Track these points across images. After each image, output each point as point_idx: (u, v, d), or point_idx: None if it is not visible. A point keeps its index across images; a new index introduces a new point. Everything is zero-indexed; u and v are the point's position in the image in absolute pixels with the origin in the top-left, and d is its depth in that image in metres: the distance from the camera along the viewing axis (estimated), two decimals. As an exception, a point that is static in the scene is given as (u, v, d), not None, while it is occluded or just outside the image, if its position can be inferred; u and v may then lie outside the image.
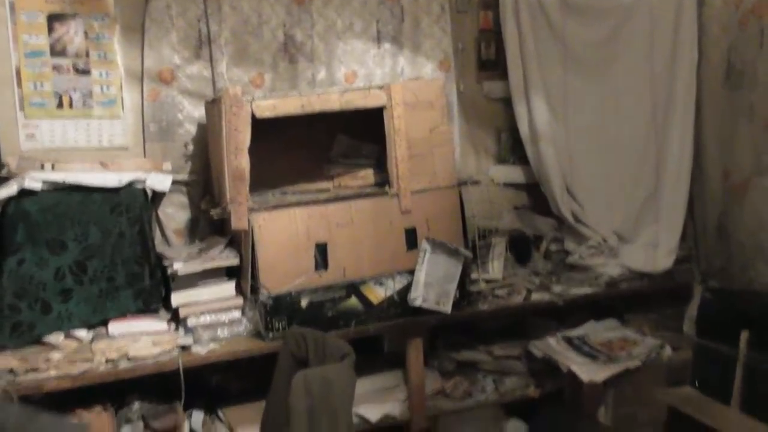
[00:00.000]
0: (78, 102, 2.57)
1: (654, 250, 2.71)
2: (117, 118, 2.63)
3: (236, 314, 2.35)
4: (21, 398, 1.78)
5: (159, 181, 2.41)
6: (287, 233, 2.34)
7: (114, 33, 2.59)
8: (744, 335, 1.85)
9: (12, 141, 2.48)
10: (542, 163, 2.86)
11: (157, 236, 2.60)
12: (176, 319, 2.34)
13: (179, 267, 2.28)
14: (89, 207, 2.27)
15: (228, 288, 2.37)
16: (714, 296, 2.14)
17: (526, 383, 2.66)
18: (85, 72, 2.56)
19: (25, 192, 2.19)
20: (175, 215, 2.73)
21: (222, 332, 2.32)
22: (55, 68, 2.51)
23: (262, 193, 2.54)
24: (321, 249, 2.37)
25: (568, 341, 2.59)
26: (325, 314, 2.36)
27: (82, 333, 2.24)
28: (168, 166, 2.54)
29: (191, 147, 2.74)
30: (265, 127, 2.33)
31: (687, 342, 2.47)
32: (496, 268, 2.69)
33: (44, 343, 2.21)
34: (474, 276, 2.62)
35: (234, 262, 2.38)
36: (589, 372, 2.39)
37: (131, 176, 2.34)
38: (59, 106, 2.54)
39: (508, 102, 3.05)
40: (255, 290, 2.32)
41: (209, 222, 2.69)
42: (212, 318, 2.32)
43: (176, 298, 2.31)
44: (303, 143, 2.71)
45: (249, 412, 2.39)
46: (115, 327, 2.27)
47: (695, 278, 2.75)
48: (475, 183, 2.66)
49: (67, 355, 2.14)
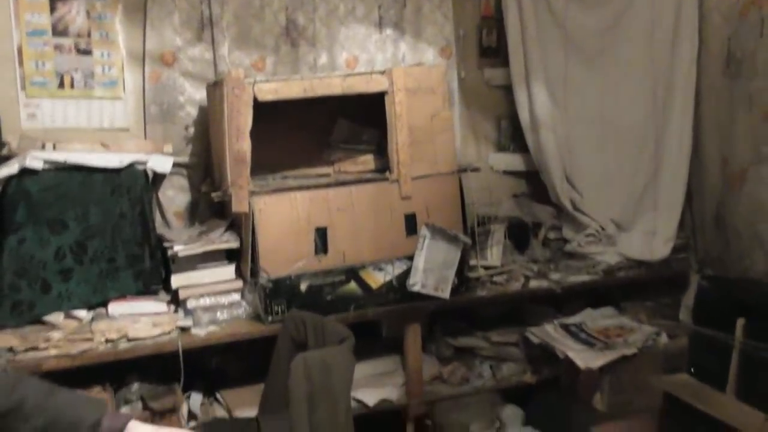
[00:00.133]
0: (79, 82, 2.56)
1: (652, 239, 2.73)
2: (118, 100, 2.62)
3: (236, 297, 2.36)
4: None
5: (160, 163, 2.41)
6: (288, 217, 2.34)
7: (116, 13, 2.58)
8: (740, 323, 1.87)
9: (13, 120, 2.47)
10: (542, 151, 2.87)
11: (157, 219, 2.60)
12: (176, 301, 2.35)
13: (179, 249, 2.29)
14: (90, 187, 2.27)
15: (228, 271, 2.38)
16: (711, 284, 2.16)
17: (523, 369, 2.69)
18: (87, 52, 2.55)
19: (27, 171, 2.19)
20: (176, 198, 2.73)
21: (221, 315, 2.33)
22: (57, 48, 2.50)
23: (262, 177, 2.54)
24: (321, 233, 2.38)
25: (566, 328, 2.61)
26: (324, 298, 2.37)
27: (82, 313, 2.25)
28: (169, 148, 2.54)
29: (192, 130, 2.73)
30: (266, 111, 2.32)
31: (683, 330, 2.50)
32: (495, 255, 2.70)
33: (44, 323, 2.21)
34: (473, 262, 2.63)
35: (234, 245, 2.39)
36: (586, 359, 2.41)
37: (132, 157, 2.34)
38: (60, 86, 2.53)
39: (509, 89, 3.05)
40: (255, 273, 2.33)
41: (209, 205, 2.69)
42: (212, 300, 2.33)
43: (176, 280, 2.32)
44: (303, 127, 2.71)
45: (247, 395, 2.41)
46: (115, 308, 2.27)
47: (692, 267, 2.78)
48: (476, 170, 2.67)
49: (67, 335, 2.15)
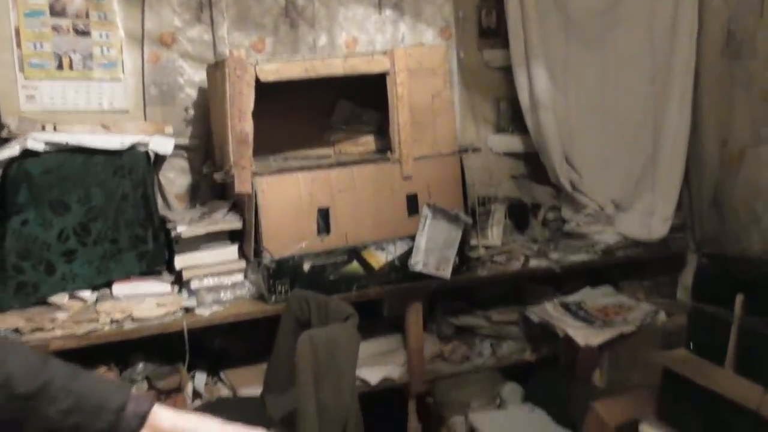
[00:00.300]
0: (78, 64, 2.54)
1: (650, 219, 2.75)
2: (117, 81, 2.61)
3: (239, 277, 2.37)
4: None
5: (161, 145, 2.41)
6: (290, 198, 2.35)
7: (114, -7, 2.56)
8: (739, 298, 1.89)
9: (12, 102, 2.46)
10: (542, 132, 2.88)
11: (159, 201, 2.60)
12: (179, 282, 2.36)
13: (183, 230, 2.30)
14: (92, 169, 2.27)
15: (231, 251, 2.39)
16: (709, 262, 2.19)
17: (523, 348, 2.72)
18: (85, 33, 2.54)
19: (28, 153, 2.18)
20: (176, 180, 2.73)
21: (225, 295, 2.34)
22: (55, 29, 2.48)
23: (263, 158, 2.54)
24: (323, 214, 2.39)
25: (565, 307, 2.64)
26: (327, 278, 2.39)
27: (87, 294, 2.26)
28: (170, 130, 2.53)
29: (192, 111, 2.73)
30: (266, 92, 2.32)
31: (681, 308, 2.53)
32: (495, 235, 2.72)
33: (49, 304, 2.22)
34: (473, 242, 2.65)
35: (237, 226, 2.40)
36: (585, 336, 2.45)
37: (134, 139, 2.34)
38: (59, 68, 2.51)
39: (508, 70, 3.05)
40: (258, 254, 2.34)
41: (210, 187, 2.69)
42: (215, 281, 2.34)
43: (179, 261, 2.33)
44: (303, 109, 2.71)
45: (251, 374, 2.43)
46: (120, 288, 2.28)
47: (689, 247, 2.81)
48: (476, 150, 2.68)
49: (73, 316, 2.16)
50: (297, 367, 1.92)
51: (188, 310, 2.27)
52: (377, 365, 2.54)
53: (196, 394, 2.36)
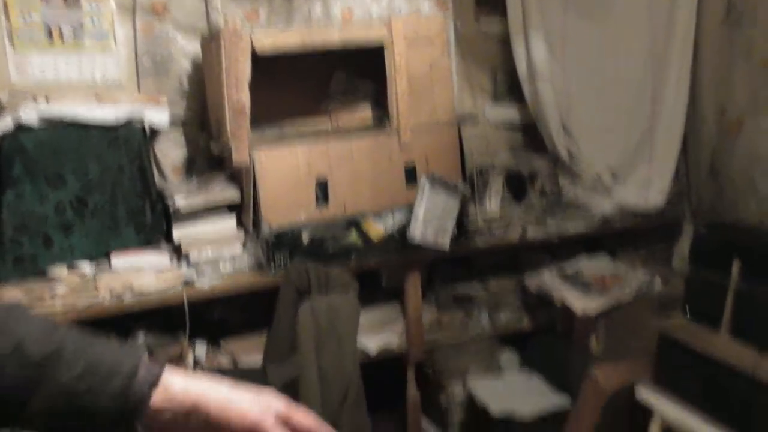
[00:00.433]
0: (68, 35, 2.50)
1: (647, 188, 2.76)
2: (109, 52, 2.57)
3: (238, 249, 2.37)
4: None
5: (157, 117, 2.39)
6: (288, 169, 2.34)
7: (105, -38, 2.50)
8: (736, 263, 1.91)
9: (2, 74, 2.42)
10: (539, 102, 2.87)
11: (155, 174, 2.58)
12: (179, 254, 2.36)
13: (181, 202, 2.29)
14: (87, 142, 2.25)
15: (229, 223, 2.39)
16: (707, 229, 2.20)
17: (520, 316, 2.75)
18: (75, 4, 2.49)
19: (21, 127, 2.16)
20: (172, 153, 2.70)
21: (224, 267, 2.35)
22: (44, 0, 2.44)
23: (259, 129, 2.52)
24: (321, 185, 2.38)
25: (562, 275, 2.66)
26: (326, 249, 2.39)
27: (85, 266, 2.25)
28: (164, 102, 2.50)
29: (186, 83, 2.69)
30: (261, 63, 2.29)
31: (677, 276, 2.55)
32: (493, 205, 2.73)
33: (48, 277, 2.21)
34: (471, 212, 2.65)
35: (235, 198, 2.39)
36: (583, 305, 2.47)
37: (129, 111, 2.31)
38: (49, 39, 2.47)
39: (506, 40, 3.02)
40: (257, 225, 2.34)
41: (206, 159, 2.67)
42: (214, 252, 2.34)
43: (178, 233, 2.33)
44: (299, 79, 2.68)
45: (250, 343, 2.45)
46: (119, 261, 2.28)
47: (686, 216, 2.82)
48: (473, 120, 2.66)
49: (73, 289, 2.16)
50: (299, 337, 1.94)
51: (188, 283, 2.27)
52: (376, 335, 2.57)
53: (197, 364, 2.37)
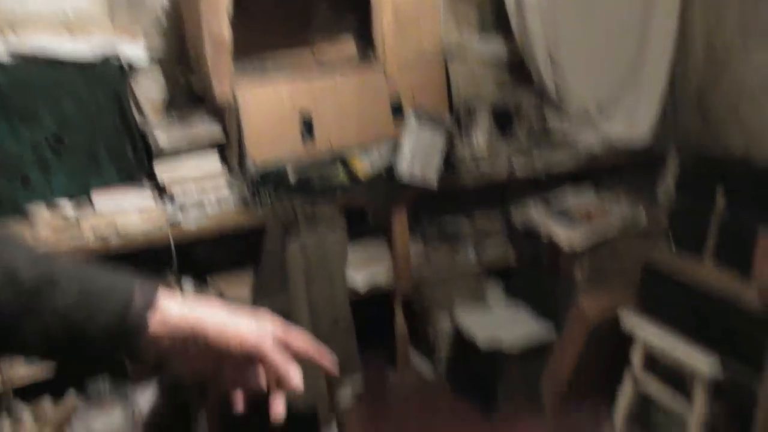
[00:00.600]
0: (35, -36, 2.37)
1: (633, 122, 2.75)
2: (80, -17, 2.44)
3: (223, 187, 2.34)
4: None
5: (133, 52, 2.30)
6: (272, 104, 2.29)
7: None
8: (720, 191, 1.93)
9: (-34, 7, 2.30)
10: (527, 34, 2.80)
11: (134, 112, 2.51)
12: (163, 194, 2.32)
13: (163, 140, 2.23)
14: (62, 79, 2.18)
15: (213, 161, 2.34)
16: (693, 160, 2.21)
17: (506, 250, 2.78)
18: (40, -70, 2.35)
19: (-8, 62, 2.08)
20: (150, 90, 2.61)
21: (210, 206, 2.32)
22: (7, -75, 2.29)
23: (240, 63, 2.44)
24: (306, 120, 2.34)
25: (548, 209, 2.68)
26: (313, 186, 2.36)
27: (66, 206, 2.21)
28: (140, 35, 2.41)
29: (162, 16, 2.58)
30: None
31: (662, 209, 2.58)
32: (480, 141, 2.70)
33: (29, 218, 2.17)
34: (458, 148, 2.63)
35: (219, 135, 2.34)
36: (569, 238, 2.50)
37: (103, 46, 2.22)
38: (15, -31, 2.34)
39: (493, -29, 2.94)
40: (242, 163, 2.30)
41: (186, 96, 2.60)
42: (199, 191, 2.30)
43: (161, 172, 2.28)
44: (280, 12, 2.59)
45: (237, 280, 2.45)
46: (101, 201, 2.24)
47: (671, 150, 2.83)
48: (460, 55, 2.61)
49: (55, 230, 2.12)
50: (288, 273, 1.94)
51: (174, 223, 2.24)
52: (364, 271, 2.58)
53: (186, 303, 2.37)
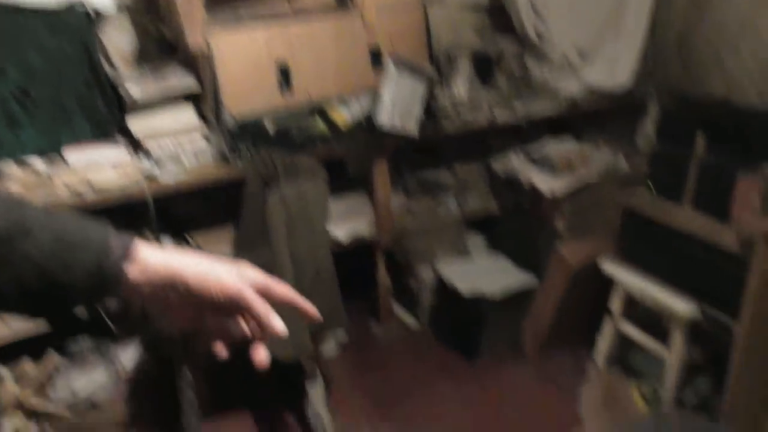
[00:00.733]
0: None
1: (614, 68, 2.72)
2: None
3: (200, 141, 2.29)
4: None
5: (99, 0, 2.20)
6: (248, 53, 2.22)
7: None
8: (700, 136, 1.93)
9: None
10: (507, -22, 2.74)
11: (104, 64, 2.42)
12: (138, 149, 2.26)
13: (136, 92, 2.17)
14: (25, 29, 2.08)
15: (188, 113, 2.28)
16: (673, 104, 2.20)
17: (488, 200, 2.78)
18: None
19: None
20: (119, 40, 2.52)
21: (187, 160, 2.27)
22: None
23: (213, 11, 2.35)
24: (283, 70, 2.28)
25: (529, 158, 2.67)
26: (292, 138, 2.32)
27: (38, 162, 2.15)
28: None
29: (129, -39, 2.47)
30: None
31: (641, 155, 2.59)
32: (461, 89, 2.66)
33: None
34: (439, 96, 2.60)
35: (194, 87, 2.27)
36: (550, 186, 2.50)
37: (67, -9, 2.13)
38: None
39: None
40: (218, 115, 2.25)
41: (157, 47, 2.51)
42: (175, 145, 2.25)
43: (135, 125, 2.22)
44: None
45: (218, 236, 2.43)
46: (73, 156, 2.18)
47: (652, 96, 2.81)
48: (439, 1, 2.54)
49: (28, 187, 2.07)
50: (269, 225, 1.92)
51: (150, 177, 2.20)
52: (346, 223, 2.57)
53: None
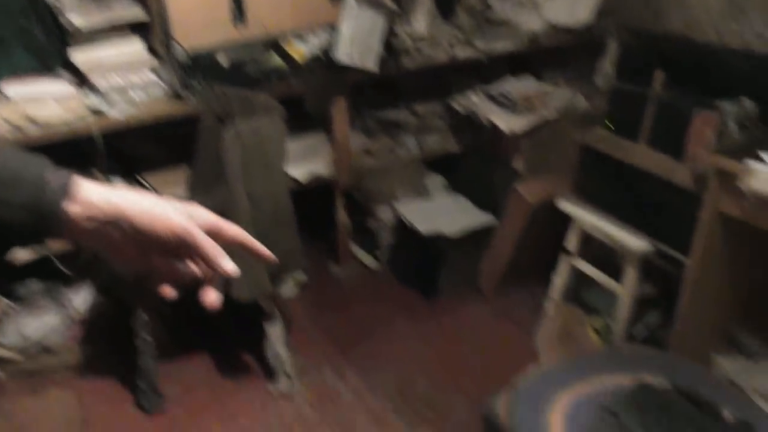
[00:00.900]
0: None
1: (575, 4, 2.69)
2: None
3: (149, 74, 2.18)
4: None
5: None
6: (197, -19, 2.10)
7: None
8: (658, 74, 1.94)
9: None
10: None
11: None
12: (83, 83, 2.15)
13: (78, 20, 2.03)
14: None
15: (136, 45, 2.17)
16: (632, 42, 2.20)
17: (448, 140, 2.76)
18: None
19: None
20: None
21: (136, 95, 2.17)
22: None
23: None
24: (237, 0, 2.17)
25: (489, 96, 2.65)
26: (247, 72, 2.24)
27: (-25, 96, 2.03)
28: None
29: None
30: None
31: (600, 93, 2.59)
32: (421, 24, 2.60)
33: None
34: (398, 31, 2.53)
35: (140, 16, 2.15)
36: (510, 124, 2.49)
37: None
38: None
39: None
40: (168, 48, 2.14)
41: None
42: (123, 79, 2.14)
43: (78, 57, 2.10)
44: None
45: (170, 177, 2.35)
46: (13, 89, 2.05)
47: (612, 33, 2.80)
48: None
49: (-36, 121, 1.95)
50: (225, 163, 1.87)
51: (99, 113, 2.10)
52: (304, 163, 2.52)
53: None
